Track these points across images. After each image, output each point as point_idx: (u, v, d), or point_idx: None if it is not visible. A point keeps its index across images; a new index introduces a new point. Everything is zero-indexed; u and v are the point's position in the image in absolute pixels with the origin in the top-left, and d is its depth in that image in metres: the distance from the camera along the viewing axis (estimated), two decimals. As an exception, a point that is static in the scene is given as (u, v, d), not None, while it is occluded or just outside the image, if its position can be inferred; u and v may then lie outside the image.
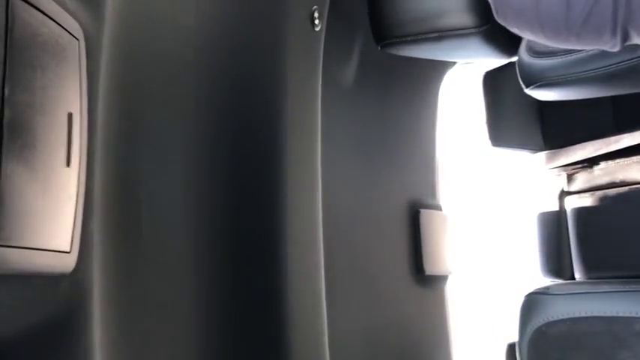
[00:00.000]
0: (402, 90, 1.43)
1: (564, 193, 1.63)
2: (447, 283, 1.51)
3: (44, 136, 0.46)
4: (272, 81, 0.91)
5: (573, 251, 1.59)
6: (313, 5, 0.96)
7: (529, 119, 1.70)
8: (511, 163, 1.87)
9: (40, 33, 0.46)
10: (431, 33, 1.02)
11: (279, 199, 0.90)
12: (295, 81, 0.94)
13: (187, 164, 0.83)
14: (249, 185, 0.89)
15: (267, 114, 0.91)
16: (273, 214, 0.90)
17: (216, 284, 0.85)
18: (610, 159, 1.55)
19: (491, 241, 2.31)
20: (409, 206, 1.40)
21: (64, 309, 0.51)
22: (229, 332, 0.85)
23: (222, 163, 0.86)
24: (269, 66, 0.91)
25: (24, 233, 0.44)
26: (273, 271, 0.89)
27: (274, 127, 0.91)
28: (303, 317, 0.93)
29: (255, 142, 0.89)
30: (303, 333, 0.93)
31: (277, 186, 0.90)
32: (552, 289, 0.91)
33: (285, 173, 0.91)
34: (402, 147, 1.43)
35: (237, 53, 0.88)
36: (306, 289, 0.95)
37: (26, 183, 0.44)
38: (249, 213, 0.88)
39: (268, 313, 0.88)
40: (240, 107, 0.88)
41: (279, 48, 0.92)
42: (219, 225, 0.85)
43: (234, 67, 0.88)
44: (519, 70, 1.25)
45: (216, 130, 0.86)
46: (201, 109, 0.85)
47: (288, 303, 0.90)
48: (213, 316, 0.84)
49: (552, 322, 0.87)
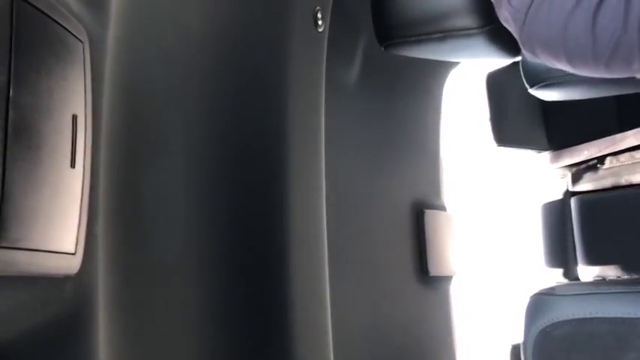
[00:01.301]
0: (406, 90, 1.43)
1: (569, 193, 1.63)
2: (451, 284, 1.50)
3: (49, 137, 0.46)
4: (275, 82, 0.91)
5: (578, 252, 1.58)
6: (316, 6, 0.96)
7: (533, 119, 1.70)
8: (515, 162, 1.87)
9: (45, 35, 0.47)
10: (434, 33, 1.02)
11: (283, 200, 0.90)
12: (298, 82, 0.94)
13: (191, 166, 0.83)
14: (253, 187, 0.89)
15: (270, 115, 0.91)
16: (278, 215, 0.90)
17: (220, 286, 0.85)
18: (615, 158, 1.55)
19: (495, 241, 2.31)
20: (413, 206, 1.40)
21: (68, 311, 0.51)
22: (234, 334, 0.85)
23: (226, 164, 0.87)
24: (272, 67, 0.91)
25: (29, 235, 0.45)
26: (278, 272, 0.89)
27: (278, 128, 0.91)
28: (307, 317, 0.93)
29: (258, 143, 0.89)
30: (308, 333, 0.93)
31: (281, 187, 0.90)
32: (557, 290, 0.91)
33: (288, 174, 0.91)
34: (406, 147, 1.43)
35: (240, 54, 0.88)
36: (310, 290, 0.95)
37: (31, 185, 0.44)
38: (253, 215, 0.88)
39: (273, 314, 0.88)
40: (243, 108, 0.88)
41: (282, 49, 0.92)
42: (224, 227, 0.86)
43: (237, 68, 0.88)
44: (523, 70, 1.25)
45: (220, 132, 0.86)
46: (205, 110, 0.85)
47: (292, 303, 0.90)
48: (217, 318, 0.84)
49: (557, 323, 0.87)
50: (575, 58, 0.68)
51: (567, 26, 0.66)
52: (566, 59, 0.69)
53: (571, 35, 0.66)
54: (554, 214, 1.66)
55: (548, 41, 0.68)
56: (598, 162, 1.59)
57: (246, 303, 0.87)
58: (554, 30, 0.67)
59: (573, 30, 0.66)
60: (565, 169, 1.67)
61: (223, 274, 0.85)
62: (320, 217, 0.98)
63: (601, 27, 0.64)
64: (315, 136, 0.98)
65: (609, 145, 1.55)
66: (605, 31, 0.64)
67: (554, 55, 0.70)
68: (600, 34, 0.64)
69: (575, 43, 0.66)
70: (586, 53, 0.66)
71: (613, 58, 0.65)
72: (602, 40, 0.64)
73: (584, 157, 1.60)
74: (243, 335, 0.86)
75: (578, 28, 0.65)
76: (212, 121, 0.85)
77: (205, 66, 0.85)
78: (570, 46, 0.67)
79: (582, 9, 0.64)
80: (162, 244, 0.79)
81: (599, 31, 0.64)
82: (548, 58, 0.71)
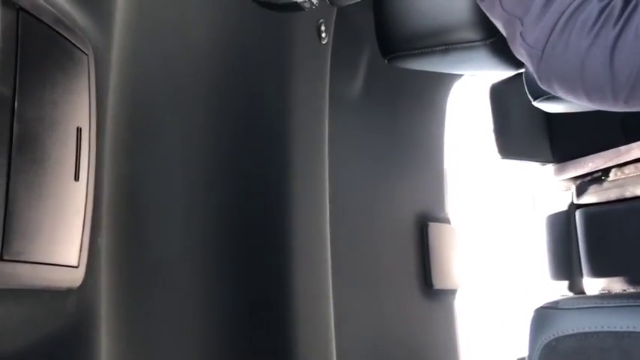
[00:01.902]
0: (409, 103, 1.43)
1: (574, 205, 1.62)
2: (455, 297, 1.50)
3: (53, 150, 0.46)
4: (279, 94, 0.91)
5: (583, 265, 1.57)
6: (320, 19, 0.97)
7: (537, 131, 1.69)
8: (520, 174, 1.86)
9: (50, 48, 0.47)
10: (437, 46, 1.02)
11: (286, 212, 0.90)
12: (302, 94, 0.94)
13: (196, 177, 0.83)
14: (257, 198, 0.89)
15: (274, 126, 0.91)
16: (281, 227, 0.90)
17: (224, 298, 0.84)
18: (620, 170, 1.54)
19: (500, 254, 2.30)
20: (417, 219, 1.40)
21: (71, 324, 0.51)
22: (238, 346, 0.85)
23: (231, 175, 0.87)
24: (276, 79, 0.91)
25: (33, 248, 0.44)
26: (281, 284, 0.89)
27: (281, 140, 0.91)
28: (311, 330, 0.93)
29: (262, 156, 0.90)
30: (312, 347, 0.93)
31: (284, 198, 0.90)
32: (562, 304, 0.90)
33: (292, 186, 0.91)
34: (410, 160, 1.43)
35: (244, 66, 0.88)
36: (314, 302, 0.94)
37: (35, 197, 0.45)
38: (257, 226, 0.88)
39: (276, 327, 0.88)
40: (247, 119, 0.88)
41: (286, 61, 0.92)
42: (228, 239, 0.85)
43: (241, 80, 0.88)
44: (526, 82, 1.25)
45: (224, 143, 0.86)
46: (210, 122, 0.85)
47: (295, 317, 0.89)
48: (221, 330, 0.84)
49: (562, 336, 0.86)
50: (593, 94, 0.67)
51: (585, 64, 0.65)
52: (585, 95, 0.68)
53: (588, 73, 0.66)
54: (558, 226, 1.65)
55: (566, 78, 0.68)
56: (603, 174, 1.58)
57: (251, 317, 0.86)
58: (571, 67, 0.67)
59: (591, 68, 0.65)
60: (569, 181, 1.66)
61: (227, 288, 0.85)
62: (323, 230, 0.97)
63: (619, 65, 0.63)
64: (319, 148, 0.98)
65: (614, 157, 1.54)
66: (622, 69, 0.63)
67: (572, 91, 0.69)
68: (618, 72, 0.64)
69: (594, 81, 0.66)
70: (605, 90, 0.66)
71: (632, 95, 0.64)
72: (620, 77, 0.64)
73: (588, 169, 1.60)
74: (247, 351, 0.85)
75: (595, 65, 0.65)
76: (216, 133, 0.85)
77: (210, 78, 0.85)
78: (588, 83, 0.66)
79: (599, 47, 0.64)
80: (166, 257, 0.79)
81: (616, 69, 0.63)
82: (566, 94, 0.71)
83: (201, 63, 0.84)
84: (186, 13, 0.83)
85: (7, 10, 0.42)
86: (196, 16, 0.84)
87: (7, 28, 0.42)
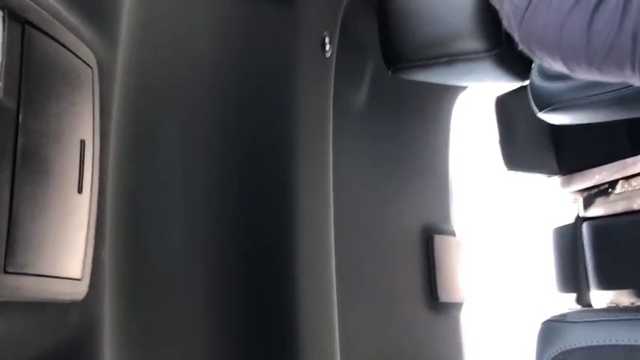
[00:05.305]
0: (414, 114, 1.43)
1: (580, 218, 1.61)
2: (461, 311, 1.48)
3: (57, 163, 0.47)
4: (283, 106, 0.92)
5: (591, 278, 1.56)
6: (324, 31, 0.97)
7: (543, 142, 1.69)
8: (526, 187, 1.86)
9: (55, 61, 0.47)
10: (442, 57, 1.03)
11: (291, 223, 0.90)
12: (306, 106, 0.94)
13: (199, 190, 0.83)
14: (261, 209, 0.89)
15: (278, 139, 0.91)
16: (285, 238, 0.89)
17: (228, 310, 0.84)
18: (627, 182, 1.53)
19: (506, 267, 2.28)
20: (422, 231, 1.39)
21: (74, 336, 0.51)
22: (242, 357, 0.84)
23: (234, 188, 0.87)
24: (280, 91, 0.91)
25: (36, 260, 0.44)
26: (285, 297, 0.88)
27: (285, 152, 0.91)
28: (316, 343, 0.92)
29: (266, 167, 0.90)
30: (316, 358, 0.92)
31: (288, 210, 0.90)
32: (569, 317, 0.89)
33: (296, 198, 0.91)
34: (415, 172, 1.43)
35: (248, 78, 0.88)
36: (319, 315, 0.94)
37: (39, 210, 0.45)
38: (261, 238, 0.88)
39: (281, 339, 0.87)
40: (251, 132, 0.89)
41: (290, 73, 0.92)
42: (231, 251, 0.85)
43: (245, 92, 0.88)
44: (531, 93, 1.25)
45: (228, 155, 0.86)
46: (214, 134, 0.85)
47: (300, 330, 0.89)
48: (225, 342, 0.83)
49: (570, 350, 0.85)
50: (569, 58, 0.68)
51: (564, 25, 0.66)
52: (561, 59, 0.69)
53: (566, 35, 0.66)
54: (565, 239, 1.64)
55: (545, 39, 0.68)
56: (609, 186, 1.57)
57: (254, 328, 0.86)
58: (550, 28, 0.67)
59: (569, 30, 0.66)
60: (576, 193, 1.65)
61: (231, 299, 0.85)
62: (328, 242, 0.97)
63: (596, 29, 0.64)
64: (323, 160, 0.98)
65: (620, 169, 1.53)
66: (599, 33, 0.63)
67: (550, 54, 0.70)
68: (594, 36, 0.64)
69: (570, 43, 0.66)
70: (579, 54, 0.66)
71: (605, 62, 0.64)
72: (595, 42, 0.64)
73: (595, 181, 1.59)
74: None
75: (573, 28, 0.65)
76: (222, 145, 0.86)
77: (213, 91, 0.85)
78: (565, 45, 0.67)
79: (580, 9, 0.64)
80: (169, 270, 0.79)
81: (593, 32, 0.64)
82: (544, 57, 0.71)
83: (204, 76, 0.84)
84: (190, 27, 0.84)
85: (12, 24, 0.42)
86: (200, 29, 0.84)
87: (12, 40, 0.43)
